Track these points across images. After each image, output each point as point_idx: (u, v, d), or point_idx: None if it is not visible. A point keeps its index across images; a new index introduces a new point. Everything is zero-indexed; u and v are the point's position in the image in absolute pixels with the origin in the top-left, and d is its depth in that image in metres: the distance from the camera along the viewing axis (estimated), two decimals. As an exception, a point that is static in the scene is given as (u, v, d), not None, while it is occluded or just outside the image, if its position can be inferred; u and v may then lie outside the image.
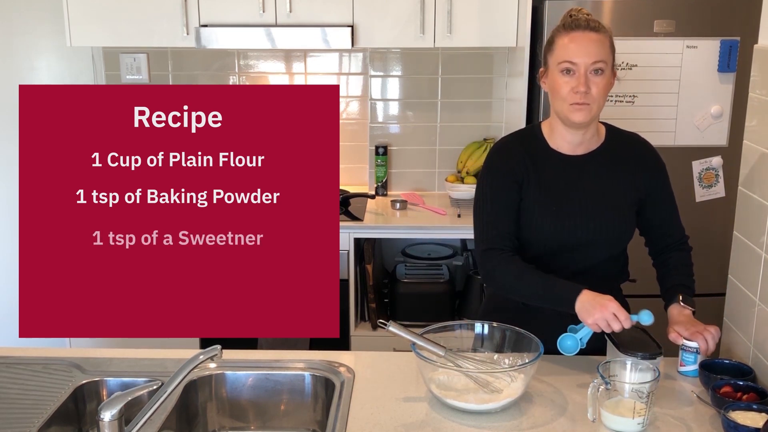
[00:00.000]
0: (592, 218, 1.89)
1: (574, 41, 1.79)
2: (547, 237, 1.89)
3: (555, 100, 1.85)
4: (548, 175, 1.90)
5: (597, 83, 1.79)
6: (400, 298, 3.29)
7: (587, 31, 1.79)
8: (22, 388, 1.77)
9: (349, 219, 3.22)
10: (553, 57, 1.83)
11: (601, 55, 1.79)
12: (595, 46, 1.78)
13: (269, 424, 1.87)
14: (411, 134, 3.67)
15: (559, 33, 1.83)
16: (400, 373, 1.83)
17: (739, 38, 2.89)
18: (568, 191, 1.89)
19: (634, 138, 1.99)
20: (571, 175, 1.90)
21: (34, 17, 3.50)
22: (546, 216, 1.88)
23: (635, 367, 1.65)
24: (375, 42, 3.25)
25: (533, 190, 1.89)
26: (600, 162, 1.92)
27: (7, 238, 3.46)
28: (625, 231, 1.93)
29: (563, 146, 1.91)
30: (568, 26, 1.81)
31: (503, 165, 1.91)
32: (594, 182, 1.90)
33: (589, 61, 1.78)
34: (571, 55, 1.78)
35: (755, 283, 1.86)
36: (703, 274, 3.06)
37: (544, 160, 1.91)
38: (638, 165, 1.93)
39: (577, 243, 1.89)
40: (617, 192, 1.91)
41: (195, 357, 1.50)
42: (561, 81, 1.81)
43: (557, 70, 1.81)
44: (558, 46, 1.82)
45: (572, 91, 1.79)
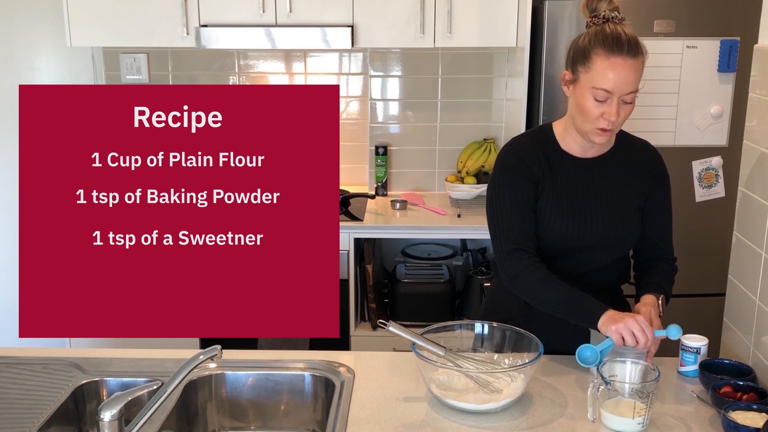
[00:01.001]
0: (601, 221, 1.88)
1: (614, 69, 1.72)
2: (556, 238, 1.88)
3: (580, 117, 1.80)
4: (561, 177, 1.89)
5: (626, 110, 1.77)
6: (400, 298, 3.29)
7: (628, 58, 1.72)
8: (22, 388, 1.77)
9: (349, 219, 3.22)
10: (588, 76, 1.75)
11: (636, 84, 1.75)
12: (634, 75, 1.73)
13: (269, 424, 1.87)
14: (411, 134, 3.67)
15: (599, 50, 1.73)
16: (400, 373, 1.83)
17: (739, 38, 2.88)
18: (580, 193, 1.89)
19: (645, 144, 1.98)
20: (582, 177, 1.90)
21: (34, 17, 3.50)
22: (559, 217, 1.87)
23: (635, 367, 1.65)
24: (375, 42, 3.25)
25: (548, 190, 1.88)
26: (609, 165, 1.91)
27: (7, 238, 3.46)
28: (632, 234, 1.93)
29: (574, 148, 1.90)
30: (610, 47, 1.72)
31: (521, 165, 1.88)
32: (603, 185, 1.90)
33: (626, 91, 1.74)
34: (610, 84, 1.72)
35: (755, 283, 1.86)
36: (703, 274, 3.08)
37: (557, 161, 1.90)
38: (644, 170, 1.93)
39: (585, 245, 1.89)
40: (625, 196, 1.91)
41: (195, 357, 1.50)
42: (591, 104, 1.76)
43: (590, 91, 1.75)
44: (596, 68, 1.73)
45: (602, 117, 1.76)
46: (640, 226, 1.94)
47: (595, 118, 1.77)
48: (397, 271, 3.38)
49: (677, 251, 3.15)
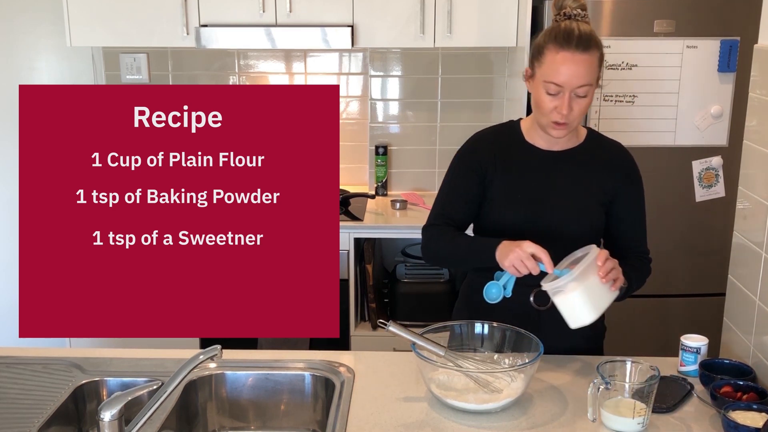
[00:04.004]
0: (555, 211, 1.88)
1: (564, 63, 1.75)
2: (509, 225, 1.89)
3: (537, 111, 1.86)
4: (518, 167, 1.92)
5: (580, 103, 1.79)
6: (400, 298, 3.29)
7: (577, 52, 1.75)
8: (22, 388, 1.77)
9: (349, 219, 3.22)
10: (541, 70, 1.80)
11: (588, 78, 1.77)
12: (584, 69, 1.76)
13: (269, 424, 1.87)
14: (411, 134, 3.67)
15: (549, 45, 1.78)
16: (400, 373, 1.83)
17: (739, 38, 2.88)
18: (536, 182, 1.90)
19: (615, 145, 1.99)
20: (542, 167, 1.91)
21: (34, 17, 3.50)
22: (510, 205, 1.90)
23: (635, 367, 1.65)
24: (375, 42, 3.25)
25: (499, 180, 1.91)
26: (574, 160, 1.92)
27: (7, 238, 3.46)
28: (590, 229, 1.91)
29: (539, 142, 1.93)
30: (560, 42, 1.76)
31: (470, 156, 1.96)
32: (564, 178, 1.90)
33: (576, 85, 1.76)
34: (559, 77, 1.76)
35: (755, 283, 1.86)
36: (703, 274, 3.08)
37: (516, 152, 1.93)
38: (612, 168, 1.93)
39: (538, 234, 1.86)
40: (588, 190, 1.90)
41: (195, 357, 1.50)
42: (545, 98, 1.80)
43: (543, 85, 1.80)
44: (547, 61, 1.78)
45: (555, 111, 1.79)
46: (602, 222, 1.92)
47: (549, 112, 1.80)
48: (397, 271, 3.38)
49: (677, 251, 3.15)
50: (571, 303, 1.70)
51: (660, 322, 3.11)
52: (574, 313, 1.71)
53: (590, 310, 1.70)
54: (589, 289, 1.69)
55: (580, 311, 1.70)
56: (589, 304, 1.69)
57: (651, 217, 2.01)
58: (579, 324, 1.71)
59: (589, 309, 1.69)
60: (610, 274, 1.69)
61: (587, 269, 1.68)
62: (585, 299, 1.69)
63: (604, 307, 1.73)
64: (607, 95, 2.93)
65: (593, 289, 1.69)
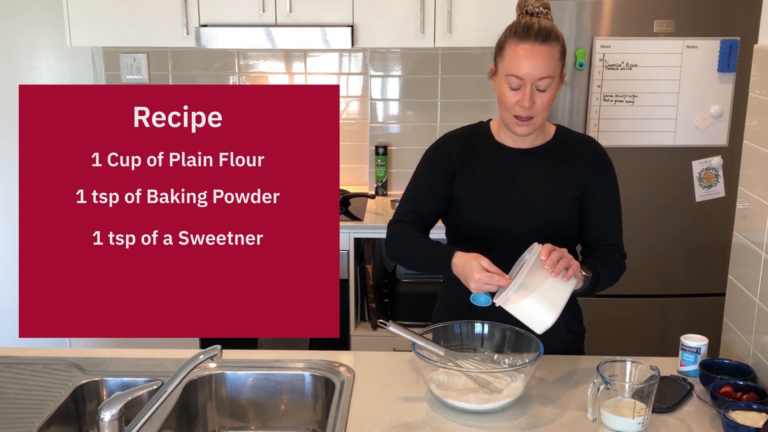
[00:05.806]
0: (527, 208, 1.87)
1: (523, 55, 1.77)
2: (480, 224, 1.88)
3: (500, 107, 1.86)
4: (487, 164, 1.91)
5: (542, 97, 1.79)
6: (400, 298, 3.29)
7: (536, 44, 1.76)
8: (22, 388, 1.77)
9: (349, 219, 3.22)
10: (503, 64, 1.81)
11: (549, 70, 1.77)
12: (543, 61, 1.76)
13: (269, 424, 1.87)
14: (411, 134, 3.67)
15: (509, 39, 1.80)
16: (400, 373, 1.83)
17: (739, 38, 2.88)
18: (505, 180, 1.90)
19: (586, 139, 1.99)
20: (511, 165, 1.91)
21: (34, 17, 3.50)
22: (479, 202, 1.89)
23: (635, 367, 1.65)
24: (375, 42, 3.25)
25: (468, 178, 1.91)
26: (544, 156, 1.91)
27: (7, 238, 3.46)
28: (564, 224, 1.89)
29: (507, 141, 1.93)
30: (520, 35, 1.78)
31: (439, 154, 1.96)
32: (534, 174, 1.90)
33: (536, 77, 1.77)
34: (519, 69, 1.77)
35: (755, 283, 1.86)
36: (703, 274, 3.08)
37: (485, 151, 1.93)
38: (583, 161, 1.91)
39: (509, 232, 1.86)
40: (557, 187, 1.89)
41: (195, 357, 1.50)
42: (507, 92, 1.81)
43: (504, 79, 1.81)
44: (508, 55, 1.79)
45: (517, 105, 1.80)
46: (575, 217, 1.90)
47: (512, 107, 1.81)
48: (397, 271, 3.38)
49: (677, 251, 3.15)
50: (524, 310, 1.64)
51: (660, 322, 3.11)
52: (534, 319, 1.64)
53: (547, 311, 1.63)
54: (540, 289, 1.63)
55: (540, 315, 1.64)
56: (544, 305, 1.63)
57: (651, 217, 2.01)
58: (543, 328, 1.64)
59: (545, 310, 1.63)
60: (558, 265, 1.64)
61: (533, 270, 1.63)
62: (538, 302, 1.63)
63: (561, 302, 1.64)
64: (607, 95, 2.93)
65: (544, 289, 1.63)
